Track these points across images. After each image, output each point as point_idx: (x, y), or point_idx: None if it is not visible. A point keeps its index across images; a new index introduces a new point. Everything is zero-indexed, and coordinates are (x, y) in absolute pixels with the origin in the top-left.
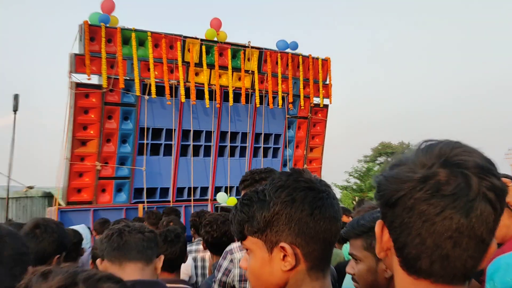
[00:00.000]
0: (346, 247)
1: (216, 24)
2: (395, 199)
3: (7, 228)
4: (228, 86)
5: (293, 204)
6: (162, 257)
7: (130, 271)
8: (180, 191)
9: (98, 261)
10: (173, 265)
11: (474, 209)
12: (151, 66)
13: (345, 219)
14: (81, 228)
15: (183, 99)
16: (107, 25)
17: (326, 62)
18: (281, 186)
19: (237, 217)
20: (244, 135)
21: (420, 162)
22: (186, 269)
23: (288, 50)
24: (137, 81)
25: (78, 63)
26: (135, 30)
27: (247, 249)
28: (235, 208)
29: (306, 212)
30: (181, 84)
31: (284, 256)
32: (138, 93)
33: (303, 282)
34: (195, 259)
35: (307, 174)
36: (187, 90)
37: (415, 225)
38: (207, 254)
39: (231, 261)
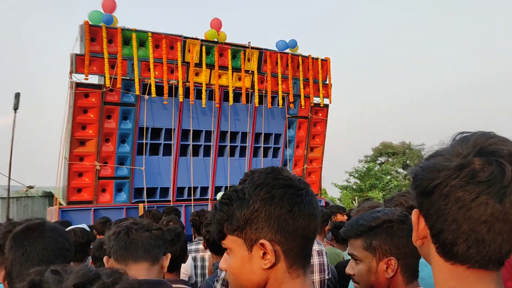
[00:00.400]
0: None
1: (216, 24)
2: (431, 187)
3: (52, 224)
4: (228, 86)
5: (272, 201)
6: (169, 256)
7: (136, 272)
8: (180, 190)
9: (105, 258)
10: (173, 265)
11: (507, 194)
12: (151, 66)
13: (340, 217)
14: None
15: (182, 99)
16: (110, 25)
17: (325, 62)
18: (260, 184)
19: (217, 216)
20: (244, 135)
21: (456, 152)
22: (185, 269)
23: (288, 50)
24: (136, 80)
25: (79, 63)
26: (136, 31)
27: (226, 249)
28: (214, 208)
29: (285, 209)
30: (180, 84)
31: (264, 253)
32: (137, 92)
33: (284, 280)
34: (194, 259)
35: (286, 172)
36: (187, 90)
37: (451, 211)
38: (207, 254)
39: None
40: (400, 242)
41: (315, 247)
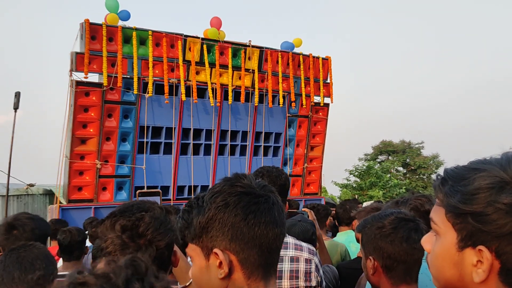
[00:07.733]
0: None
1: (216, 23)
2: None
3: (25, 247)
4: (228, 85)
5: (226, 209)
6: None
7: None
8: (180, 189)
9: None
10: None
11: None
12: (150, 65)
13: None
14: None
15: (183, 98)
16: (125, 23)
17: (326, 61)
18: (218, 191)
19: (179, 224)
20: (245, 133)
21: None
22: None
23: (294, 49)
24: (135, 79)
25: (79, 61)
26: (136, 29)
27: (190, 257)
28: (178, 216)
29: (239, 217)
30: (182, 82)
31: (220, 263)
32: (136, 91)
33: None
34: None
35: (248, 180)
36: (188, 89)
37: None
38: None
39: None
40: (376, 245)
41: (290, 252)
